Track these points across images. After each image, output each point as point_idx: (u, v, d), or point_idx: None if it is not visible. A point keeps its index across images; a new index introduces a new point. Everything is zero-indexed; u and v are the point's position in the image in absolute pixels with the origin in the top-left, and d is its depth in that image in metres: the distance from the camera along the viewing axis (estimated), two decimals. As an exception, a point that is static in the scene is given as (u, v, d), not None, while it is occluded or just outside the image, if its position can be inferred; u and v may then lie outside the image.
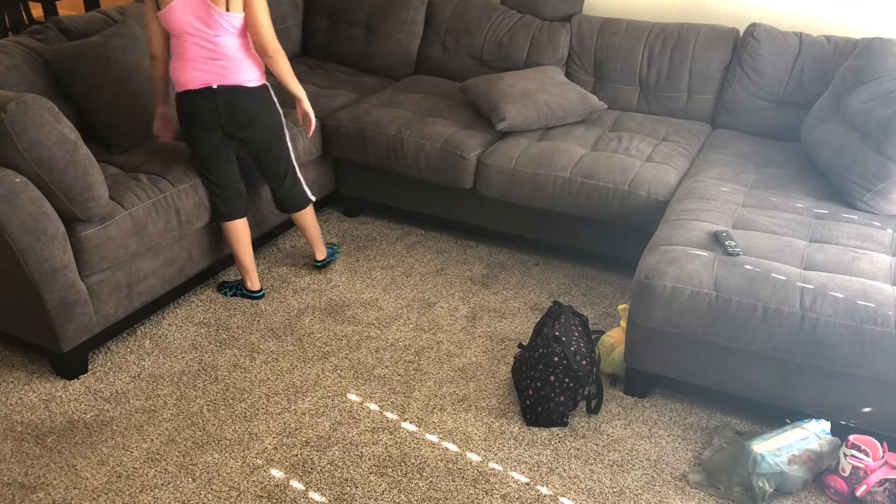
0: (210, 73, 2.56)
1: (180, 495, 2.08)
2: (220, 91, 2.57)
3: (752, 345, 2.17)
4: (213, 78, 2.56)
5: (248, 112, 2.64)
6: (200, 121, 2.62)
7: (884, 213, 2.55)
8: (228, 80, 2.57)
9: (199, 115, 2.61)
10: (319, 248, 3.10)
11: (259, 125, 2.68)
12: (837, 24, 3.30)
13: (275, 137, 2.76)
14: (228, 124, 2.63)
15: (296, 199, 2.92)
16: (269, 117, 2.71)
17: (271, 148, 2.76)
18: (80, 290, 2.40)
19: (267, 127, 2.71)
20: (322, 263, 3.14)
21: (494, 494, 2.10)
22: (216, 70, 2.56)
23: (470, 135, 3.16)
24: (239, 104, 2.61)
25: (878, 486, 2.03)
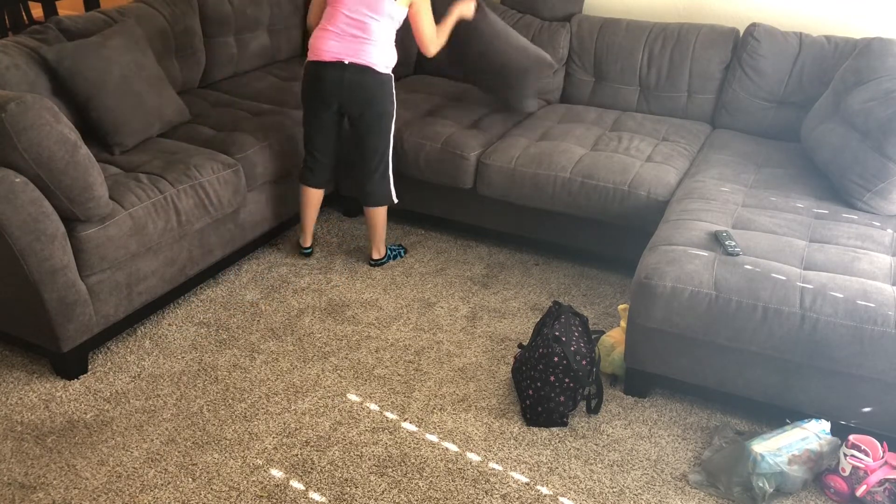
0: (347, 50, 2.74)
1: (180, 495, 2.08)
2: (349, 67, 2.74)
3: (752, 345, 2.17)
4: (347, 54, 2.74)
5: (367, 92, 2.79)
6: (320, 93, 2.81)
7: (884, 213, 2.55)
8: (360, 60, 2.74)
9: (321, 88, 2.79)
10: (378, 248, 3.17)
11: (371, 108, 2.82)
12: (837, 24, 3.30)
13: (381, 124, 2.87)
14: (346, 99, 2.79)
15: (378, 195, 3.02)
16: (382, 104, 2.84)
17: (374, 133, 2.88)
18: (80, 290, 2.40)
19: (377, 112, 2.84)
20: (376, 263, 3.21)
21: (494, 494, 2.10)
22: (354, 47, 2.73)
23: (470, 135, 3.16)
24: (363, 83, 2.77)
25: (878, 486, 2.03)
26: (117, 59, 2.82)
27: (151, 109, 2.91)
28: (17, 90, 2.64)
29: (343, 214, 3.62)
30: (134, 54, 2.90)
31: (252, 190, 3.02)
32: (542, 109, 3.51)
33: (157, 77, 2.97)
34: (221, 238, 2.92)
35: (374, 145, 2.90)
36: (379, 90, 2.81)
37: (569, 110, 3.47)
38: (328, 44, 2.75)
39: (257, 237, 3.16)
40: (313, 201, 3.10)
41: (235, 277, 3.09)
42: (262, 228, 3.15)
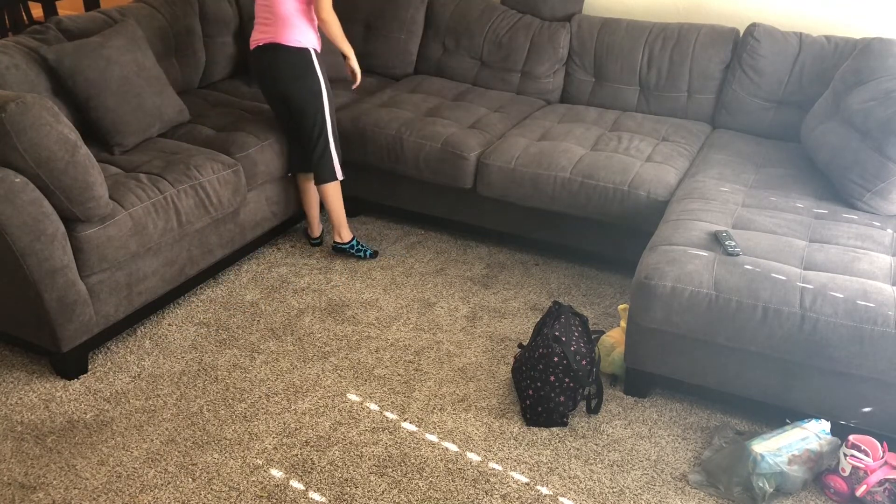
0: (261, 34, 2.86)
1: (180, 495, 2.08)
2: (263, 48, 2.86)
3: (752, 345, 2.17)
4: (261, 38, 2.86)
5: (279, 68, 2.86)
6: (256, 80, 2.98)
7: (884, 213, 2.55)
8: (274, 39, 2.83)
9: (255, 75, 2.96)
10: (339, 232, 3.21)
11: (289, 84, 2.88)
12: (837, 24, 3.30)
13: (306, 100, 2.91)
14: (268, 80, 2.90)
15: (321, 172, 3.05)
16: (300, 79, 2.88)
17: (303, 111, 2.94)
18: (80, 290, 2.40)
19: (297, 87, 2.89)
20: (338, 247, 3.25)
21: (494, 494, 2.10)
22: (264, 30, 2.85)
23: (470, 134, 3.16)
24: (273, 61, 2.85)
25: (878, 486, 2.03)
26: (117, 59, 2.82)
27: (151, 109, 2.91)
28: (17, 90, 2.64)
29: (343, 214, 3.62)
30: (134, 54, 2.90)
31: (252, 190, 3.02)
32: (542, 109, 3.51)
33: (157, 77, 2.97)
34: (221, 238, 2.92)
35: (306, 123, 2.96)
36: (290, 64, 2.85)
37: (569, 110, 3.47)
38: (252, 34, 2.92)
39: (257, 237, 3.16)
40: (305, 188, 3.20)
41: (235, 277, 3.09)
42: (262, 228, 3.15)
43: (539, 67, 3.59)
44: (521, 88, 3.66)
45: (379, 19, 3.81)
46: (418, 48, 3.86)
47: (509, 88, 3.68)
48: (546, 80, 3.61)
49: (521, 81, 3.66)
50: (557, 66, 3.59)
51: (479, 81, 3.74)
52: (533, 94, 3.65)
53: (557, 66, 3.59)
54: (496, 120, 3.33)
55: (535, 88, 3.64)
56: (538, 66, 3.59)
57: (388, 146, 3.21)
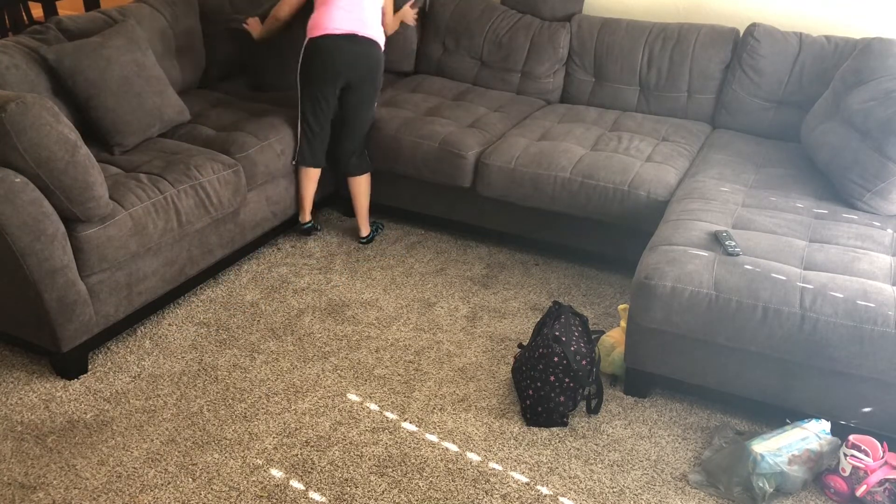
0: (355, 24, 2.94)
1: (180, 495, 2.08)
2: (361, 40, 2.95)
3: (752, 345, 2.17)
4: (358, 27, 2.94)
5: (373, 64, 3.02)
6: (329, 67, 2.96)
7: (884, 213, 2.55)
8: (367, 34, 2.97)
9: (332, 61, 2.96)
10: (364, 224, 3.33)
11: (372, 80, 3.06)
12: (837, 24, 3.30)
13: (374, 97, 3.13)
14: (355, 71, 2.99)
15: (363, 163, 3.22)
16: (379, 78, 3.10)
17: (367, 106, 3.11)
18: (80, 290, 2.40)
19: (375, 86, 3.10)
20: (366, 240, 3.35)
21: (494, 494, 2.10)
22: (360, 22, 2.94)
23: (469, 134, 3.16)
24: (371, 55, 3.00)
25: (878, 486, 2.03)
26: (117, 59, 2.82)
27: (151, 109, 2.91)
28: (17, 90, 2.64)
29: (343, 214, 3.62)
30: (134, 54, 2.90)
31: (252, 190, 3.02)
32: (542, 109, 3.51)
33: (157, 77, 2.97)
34: (221, 238, 2.92)
35: (364, 117, 3.13)
36: (376, 63, 3.04)
37: (569, 110, 3.47)
38: (335, 20, 2.93)
39: (257, 237, 3.16)
40: (312, 178, 3.23)
41: (235, 277, 3.09)
42: (262, 228, 3.15)
43: (539, 67, 3.60)
44: (521, 88, 3.67)
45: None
46: (418, 48, 3.86)
47: (509, 88, 3.68)
48: (546, 80, 3.61)
49: (521, 81, 3.66)
50: (557, 66, 3.59)
51: (479, 81, 3.75)
52: (533, 94, 3.65)
53: (557, 66, 3.59)
54: (496, 120, 3.33)
55: (535, 88, 3.64)
56: (538, 66, 3.59)
57: (387, 146, 3.21)
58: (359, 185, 3.23)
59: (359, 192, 3.25)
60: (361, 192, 3.25)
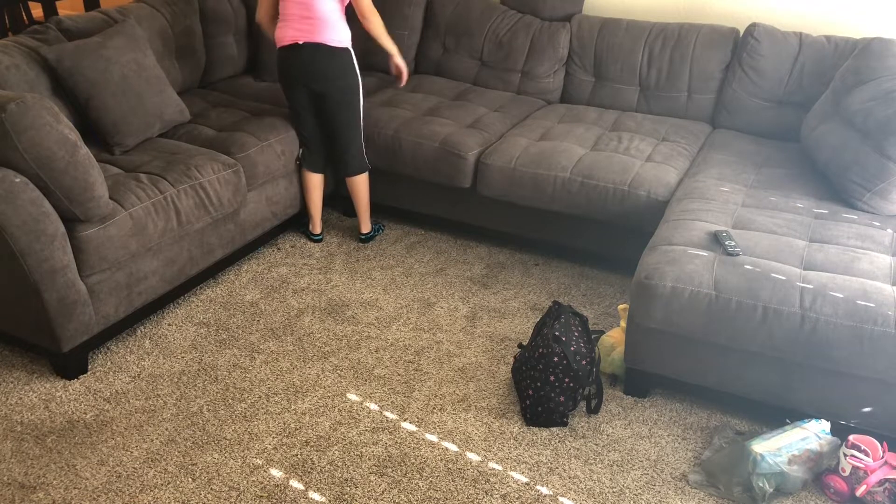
0: (300, 32, 2.89)
1: (180, 495, 2.08)
2: (304, 47, 2.90)
3: (752, 345, 2.17)
4: (301, 36, 2.89)
5: (323, 68, 2.94)
6: (288, 75, 2.99)
7: (884, 213, 2.55)
8: (312, 38, 2.89)
9: (287, 70, 2.98)
10: (365, 221, 3.34)
11: (331, 83, 2.97)
12: (837, 24, 3.30)
13: (346, 98, 3.03)
14: (306, 78, 2.95)
15: (355, 164, 3.19)
16: (341, 78, 2.98)
17: (342, 108, 3.04)
18: (80, 290, 2.40)
19: (339, 87, 2.99)
20: (366, 237, 3.36)
21: (494, 494, 2.10)
22: (305, 28, 2.88)
23: (468, 134, 3.16)
24: (317, 59, 2.92)
25: (878, 486, 2.03)
26: (117, 59, 2.82)
27: (151, 109, 2.91)
28: (17, 90, 2.65)
29: (343, 214, 3.62)
30: (134, 54, 2.90)
31: (252, 190, 3.02)
32: (542, 109, 3.51)
33: (157, 77, 2.97)
34: (221, 238, 2.92)
35: (345, 119, 3.07)
36: (334, 64, 2.95)
37: (569, 110, 3.47)
38: (286, 31, 2.93)
39: (257, 237, 3.16)
40: (314, 185, 3.25)
41: (235, 277, 3.09)
42: (262, 228, 3.15)
43: (539, 67, 3.60)
44: (522, 88, 3.67)
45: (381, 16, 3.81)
46: (418, 48, 3.86)
47: (509, 88, 3.68)
48: (546, 80, 3.61)
49: (521, 81, 3.66)
50: (557, 66, 3.59)
51: (479, 81, 3.75)
52: (533, 94, 3.65)
53: (557, 66, 3.59)
54: (496, 120, 3.33)
55: (535, 88, 3.64)
56: (538, 66, 3.59)
57: (386, 146, 3.21)
58: (355, 185, 3.24)
59: (356, 191, 3.25)
60: (359, 191, 3.25)
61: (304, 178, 3.24)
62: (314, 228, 3.35)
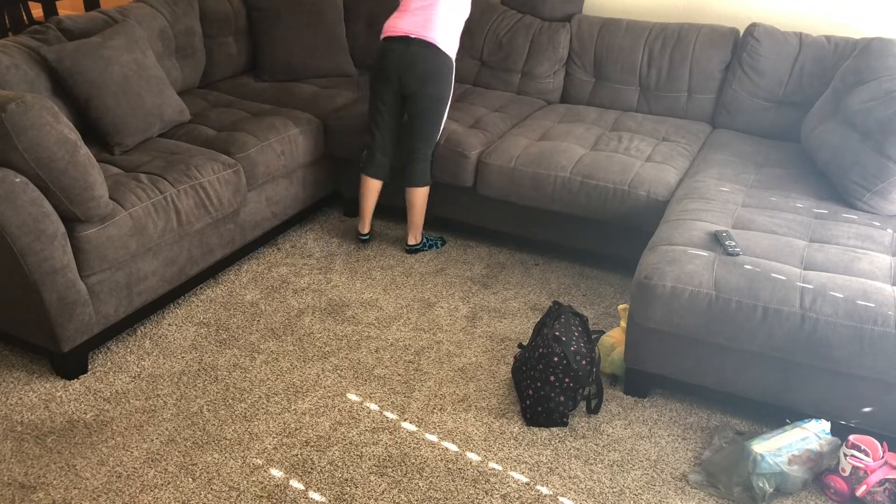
0: (414, 27, 2.83)
1: (180, 495, 2.08)
2: (413, 41, 2.83)
3: (752, 345, 2.17)
4: (413, 31, 2.83)
5: (427, 68, 2.87)
6: (383, 69, 2.91)
7: (884, 213, 2.55)
8: (425, 36, 2.83)
9: (385, 63, 2.90)
10: (414, 233, 3.26)
11: (427, 87, 2.90)
12: (837, 24, 3.30)
13: (434, 108, 2.96)
14: (406, 73, 2.88)
15: (418, 176, 3.10)
16: (439, 85, 2.92)
17: (427, 118, 2.97)
18: (80, 290, 2.40)
19: (432, 94, 2.93)
20: (411, 249, 3.28)
21: (494, 494, 2.10)
22: (420, 24, 2.83)
23: (471, 133, 3.16)
24: (424, 57, 2.85)
25: (878, 486, 2.03)
26: (117, 59, 2.82)
27: (151, 109, 2.91)
28: (17, 90, 2.65)
29: (343, 214, 3.62)
30: (134, 54, 2.90)
31: (252, 190, 3.02)
32: (543, 109, 3.51)
33: (157, 77, 2.97)
34: (221, 238, 2.92)
35: (424, 130, 3.00)
36: (438, 68, 2.89)
37: (569, 110, 3.47)
38: (397, 22, 2.88)
39: (257, 237, 3.16)
40: (371, 190, 3.19)
41: (235, 277, 3.09)
42: (262, 228, 3.15)
43: (539, 67, 3.60)
44: (522, 88, 3.67)
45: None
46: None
47: (510, 88, 3.69)
48: (546, 80, 3.61)
49: (521, 81, 3.66)
50: (557, 66, 3.59)
51: (480, 82, 3.75)
52: (533, 94, 3.65)
53: (557, 66, 3.59)
54: (496, 119, 3.33)
55: (535, 88, 3.64)
56: (538, 66, 3.59)
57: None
58: (414, 196, 3.13)
59: (413, 202, 3.15)
60: (416, 203, 3.15)
61: (363, 181, 3.18)
62: (363, 228, 3.30)
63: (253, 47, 3.76)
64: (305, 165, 3.29)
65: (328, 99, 3.47)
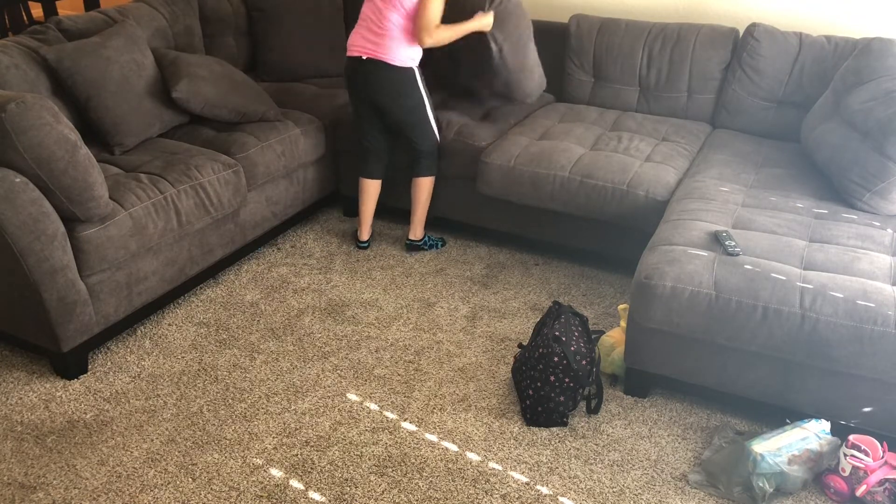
0: (364, 45, 2.83)
1: (180, 495, 2.08)
2: (365, 62, 2.85)
3: (752, 345, 2.17)
4: (364, 49, 2.84)
5: (384, 87, 2.88)
6: (351, 87, 2.96)
7: (884, 213, 2.55)
8: (375, 55, 2.83)
9: (350, 82, 2.95)
10: (415, 229, 3.25)
11: (394, 102, 2.92)
12: (837, 24, 3.30)
13: (410, 116, 2.97)
14: (369, 93, 2.91)
15: (428, 163, 3.12)
16: (405, 97, 2.92)
17: (407, 125, 3.00)
18: (80, 290, 2.40)
19: (401, 105, 2.94)
20: (411, 244, 3.29)
21: (494, 494, 2.10)
22: (370, 41, 2.82)
23: (482, 126, 3.19)
24: (378, 78, 2.86)
25: (878, 486, 2.03)
26: (117, 59, 2.82)
27: (151, 109, 2.91)
28: (17, 90, 2.65)
29: (343, 214, 3.62)
30: (133, 54, 2.90)
31: (252, 190, 3.02)
32: (543, 109, 3.51)
33: (156, 77, 2.97)
34: (221, 238, 2.92)
35: (413, 135, 3.03)
36: (396, 85, 2.88)
37: (569, 110, 3.47)
38: (352, 38, 2.89)
39: (257, 237, 3.16)
40: (369, 191, 3.21)
41: (235, 277, 3.09)
42: (262, 228, 3.15)
43: (539, 67, 3.60)
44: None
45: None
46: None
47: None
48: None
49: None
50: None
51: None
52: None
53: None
54: (498, 117, 3.34)
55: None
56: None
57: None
58: (417, 186, 3.15)
59: (416, 192, 3.17)
60: (419, 193, 3.16)
61: (360, 184, 3.21)
62: (361, 235, 3.30)
63: (253, 47, 3.76)
64: (305, 165, 3.29)
65: (328, 99, 3.47)
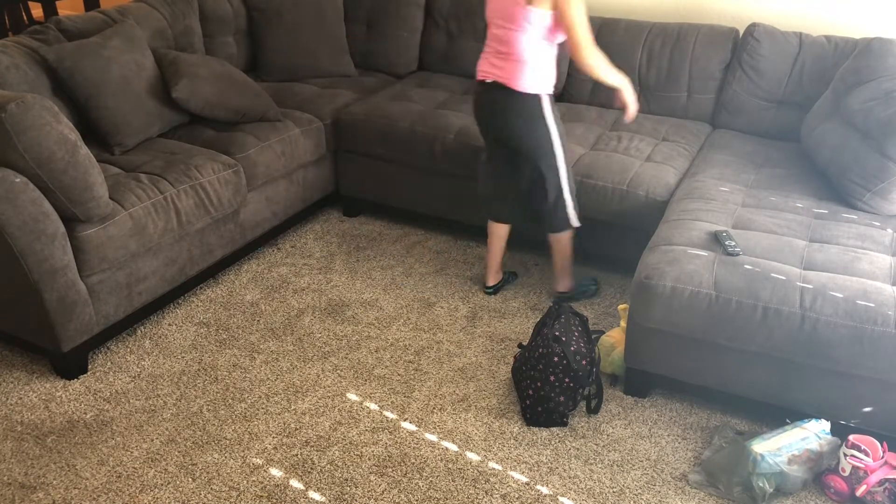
0: (490, 67, 2.53)
1: (180, 495, 2.08)
2: (488, 86, 2.54)
3: (751, 345, 2.17)
4: (489, 72, 2.54)
5: (503, 113, 2.55)
6: (476, 116, 2.68)
7: (884, 213, 2.55)
8: (497, 77, 2.51)
9: (475, 110, 2.66)
10: (561, 280, 2.93)
11: (512, 131, 2.56)
12: (837, 24, 3.30)
13: (537, 150, 2.58)
14: (489, 121, 2.62)
15: (555, 219, 2.75)
16: (525, 127, 2.55)
17: (530, 159, 2.61)
18: (80, 290, 2.40)
19: (530, 137, 2.56)
20: (563, 296, 2.97)
21: (494, 494, 2.10)
22: (495, 64, 2.51)
23: None
24: (497, 102, 2.54)
25: (878, 486, 2.03)
26: (117, 59, 2.82)
27: (151, 109, 2.91)
28: (17, 90, 2.64)
29: (343, 214, 3.62)
30: (133, 54, 2.90)
31: (252, 190, 3.02)
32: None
33: (156, 77, 2.97)
34: (221, 238, 2.92)
35: (530, 171, 2.64)
36: (516, 111, 2.52)
37: (569, 109, 3.47)
38: (479, 62, 2.59)
39: (257, 237, 3.16)
40: (495, 234, 2.90)
41: (235, 277, 3.09)
42: (262, 228, 3.15)
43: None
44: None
45: (382, 16, 3.82)
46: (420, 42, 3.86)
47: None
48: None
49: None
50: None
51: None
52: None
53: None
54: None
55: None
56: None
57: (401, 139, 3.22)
58: (553, 242, 2.84)
59: (553, 249, 2.86)
60: (556, 249, 2.85)
61: (488, 227, 2.90)
62: (488, 280, 2.99)
63: (253, 47, 3.76)
64: (305, 165, 3.29)
65: (328, 99, 3.47)
